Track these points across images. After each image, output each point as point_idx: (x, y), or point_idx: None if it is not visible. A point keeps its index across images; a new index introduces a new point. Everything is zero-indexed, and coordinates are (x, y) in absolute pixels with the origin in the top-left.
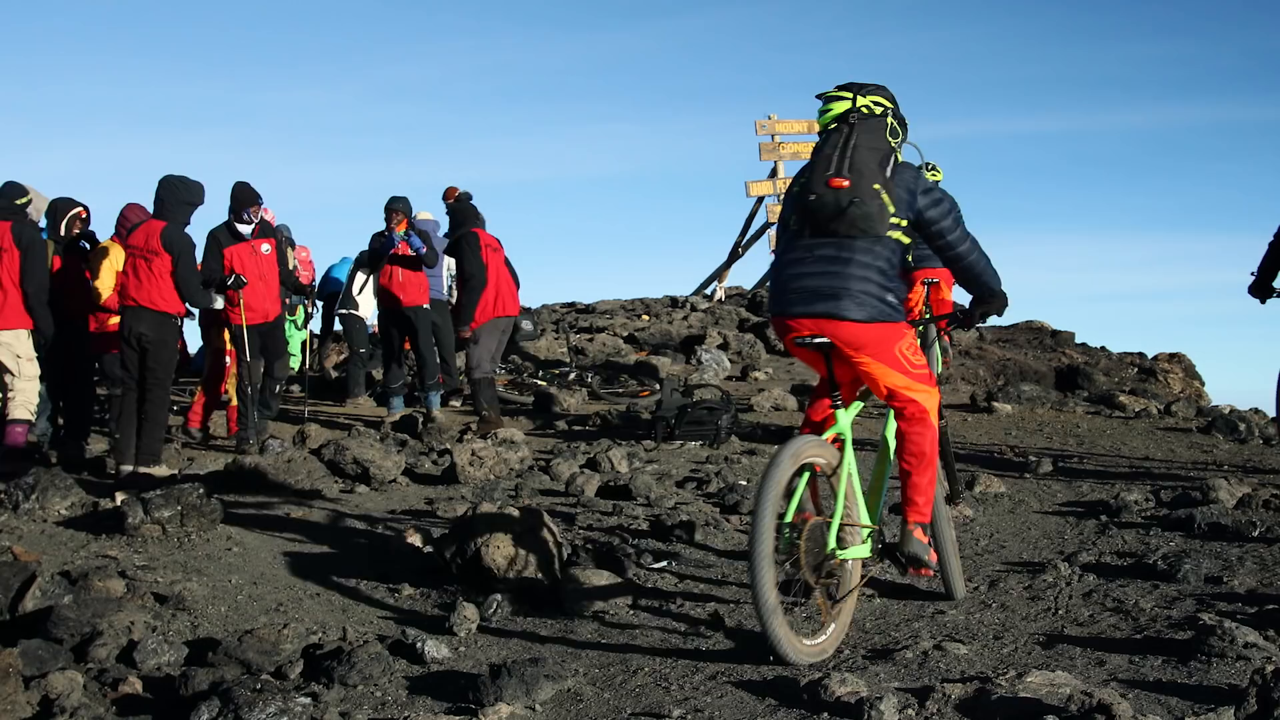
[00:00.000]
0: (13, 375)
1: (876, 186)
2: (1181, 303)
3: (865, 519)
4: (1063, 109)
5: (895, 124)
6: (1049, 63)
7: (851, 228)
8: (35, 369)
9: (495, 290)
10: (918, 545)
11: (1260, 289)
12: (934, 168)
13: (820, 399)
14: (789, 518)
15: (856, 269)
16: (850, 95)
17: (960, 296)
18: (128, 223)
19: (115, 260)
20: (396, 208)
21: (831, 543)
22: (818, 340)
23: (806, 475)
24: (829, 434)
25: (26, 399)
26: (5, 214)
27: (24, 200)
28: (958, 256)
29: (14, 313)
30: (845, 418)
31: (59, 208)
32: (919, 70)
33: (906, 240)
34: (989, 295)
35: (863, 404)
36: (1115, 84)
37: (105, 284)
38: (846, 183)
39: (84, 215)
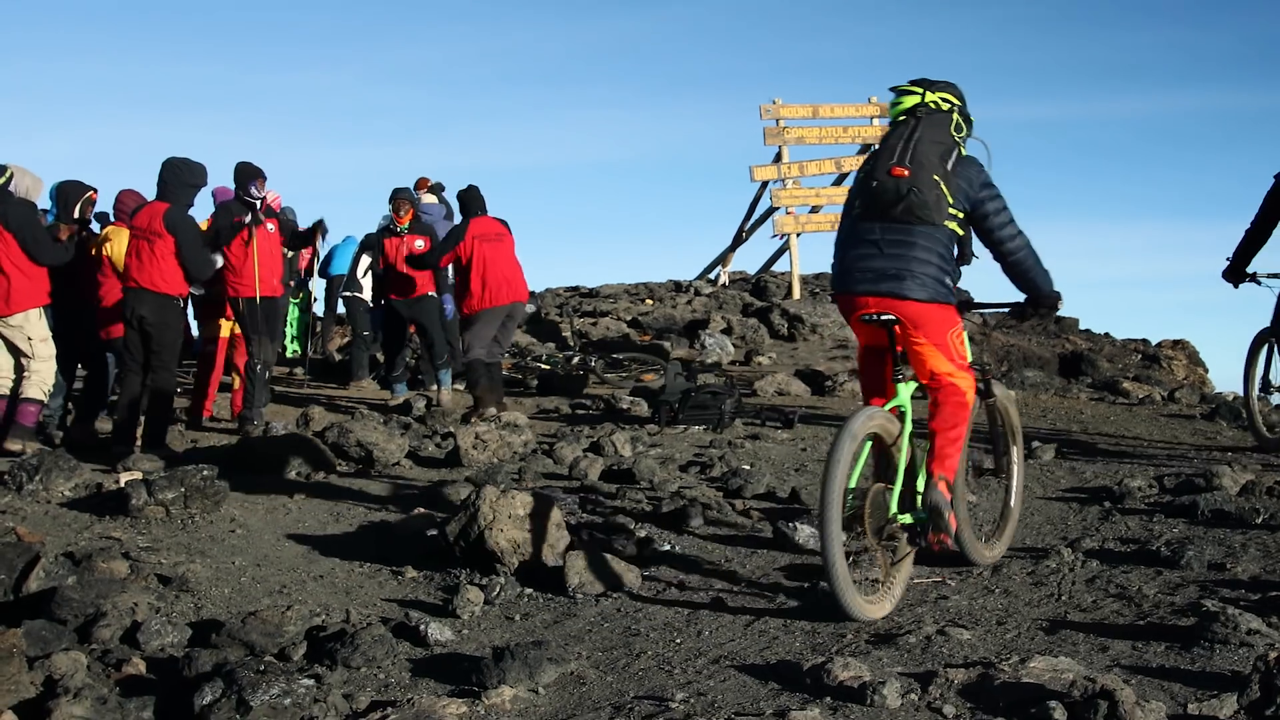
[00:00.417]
0: (28, 357)
1: (936, 178)
2: (1185, 290)
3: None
4: (1068, 96)
5: (960, 120)
6: (1052, 49)
7: (909, 214)
8: (50, 349)
9: (481, 280)
10: (939, 496)
11: (1234, 274)
12: None
13: (876, 374)
14: (853, 484)
15: (919, 252)
16: (920, 91)
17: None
18: (125, 207)
19: (122, 242)
20: (403, 198)
21: (893, 507)
22: (884, 317)
23: (869, 444)
24: (890, 406)
25: (42, 379)
26: None
27: (1, 180)
28: (1008, 251)
29: (19, 295)
30: (905, 391)
31: (70, 191)
32: (922, 56)
33: (961, 231)
34: (1040, 295)
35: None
36: (1119, 71)
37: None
38: (907, 172)
39: (94, 198)
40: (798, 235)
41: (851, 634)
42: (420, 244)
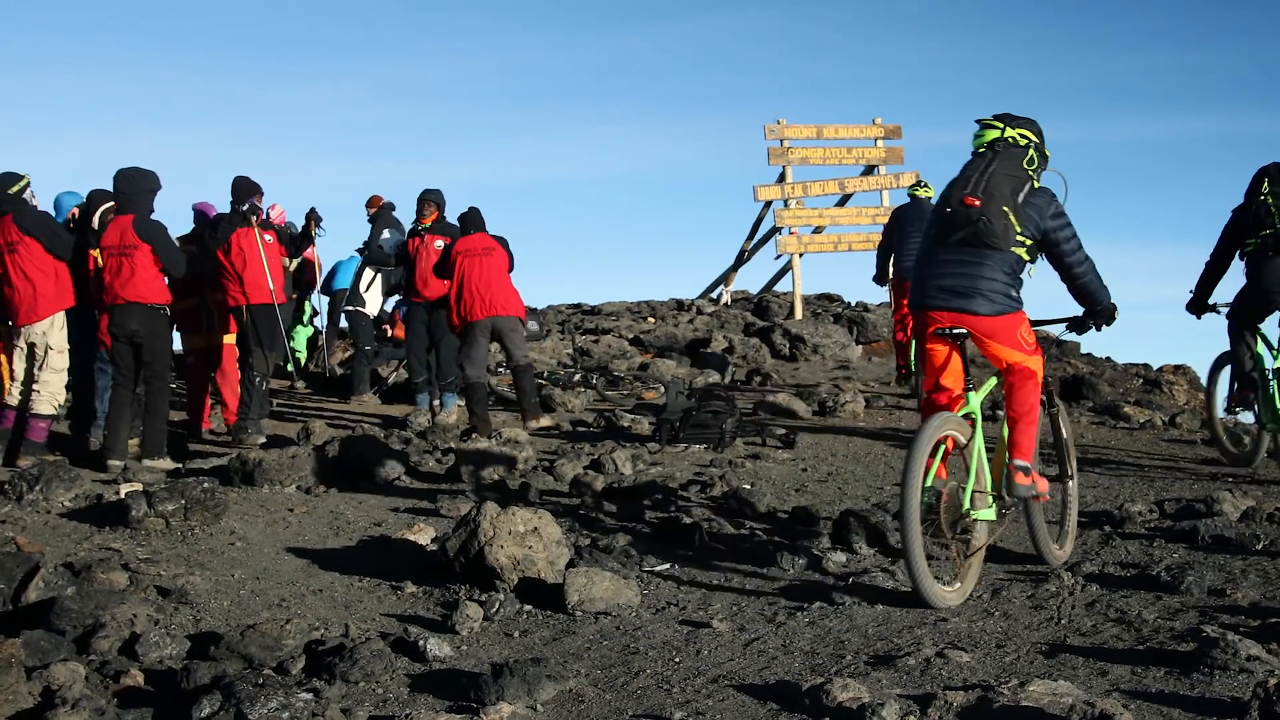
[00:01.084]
0: (40, 367)
1: (1005, 208)
2: (1186, 315)
3: (989, 488)
4: (1070, 118)
5: (1036, 155)
6: (1057, 71)
7: (978, 239)
8: (64, 361)
9: (458, 294)
10: (1022, 487)
11: (1197, 305)
12: (925, 185)
13: (942, 383)
14: (929, 483)
15: (986, 272)
16: (1001, 126)
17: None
18: None
19: None
20: (430, 199)
21: (966, 504)
22: (956, 331)
23: (942, 447)
24: (961, 412)
25: (53, 393)
26: (4, 207)
27: (18, 187)
28: (1076, 275)
29: (45, 302)
30: (975, 399)
31: (95, 199)
32: (927, 76)
33: (1028, 257)
34: (1099, 307)
35: (994, 382)
36: (1122, 94)
37: None
38: (978, 202)
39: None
40: (800, 255)
41: (850, 655)
42: (440, 244)
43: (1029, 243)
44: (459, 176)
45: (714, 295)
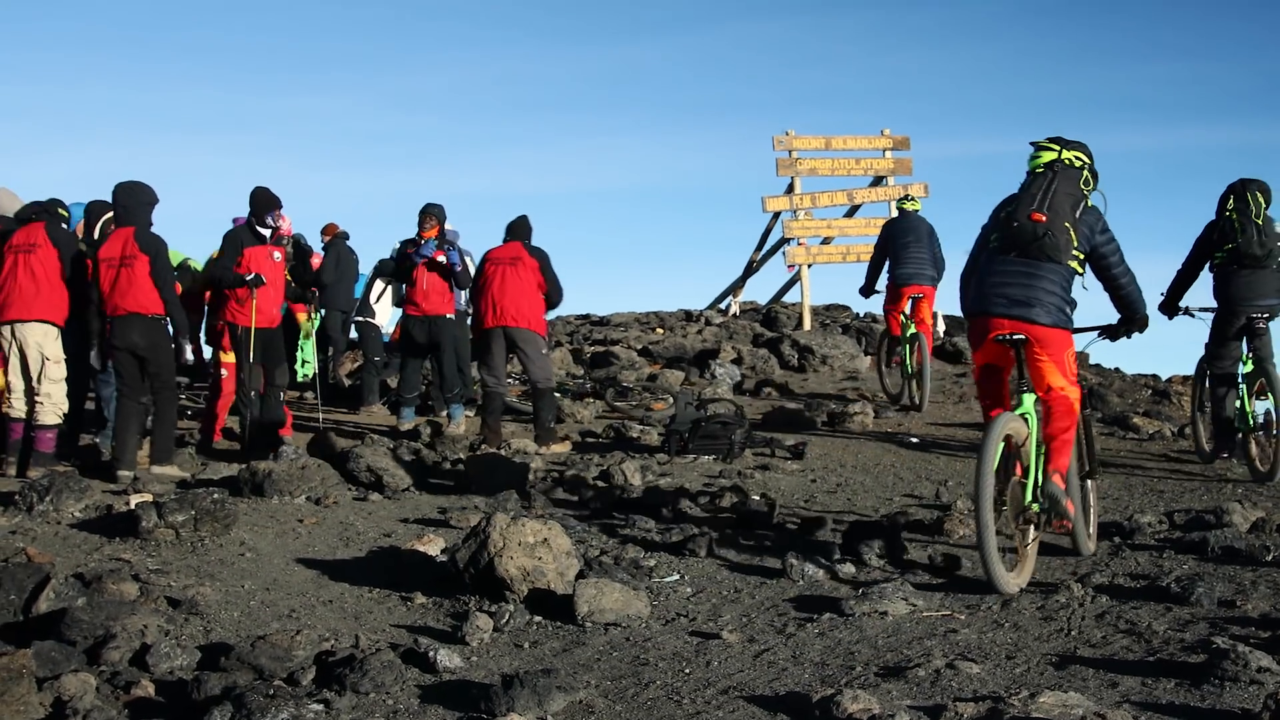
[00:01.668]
0: (38, 376)
1: (1066, 225)
2: (1196, 325)
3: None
4: (1077, 129)
5: (1089, 176)
6: (1063, 83)
7: (1041, 253)
8: (62, 370)
9: (480, 300)
10: (1055, 488)
11: (1169, 308)
12: (913, 199)
13: (995, 388)
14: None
15: (1045, 284)
16: (1057, 149)
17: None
18: None
19: None
20: (431, 213)
21: (1028, 497)
22: (1015, 337)
23: (1002, 445)
24: (1019, 413)
25: (56, 403)
26: (43, 217)
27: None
28: (1119, 286)
29: (45, 305)
30: (1029, 401)
31: (94, 210)
32: (935, 87)
33: (1081, 270)
34: (1135, 316)
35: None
36: (1129, 105)
37: None
38: (1044, 218)
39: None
40: (809, 266)
41: (860, 666)
42: (441, 258)
43: (1081, 256)
44: (464, 187)
45: (723, 306)
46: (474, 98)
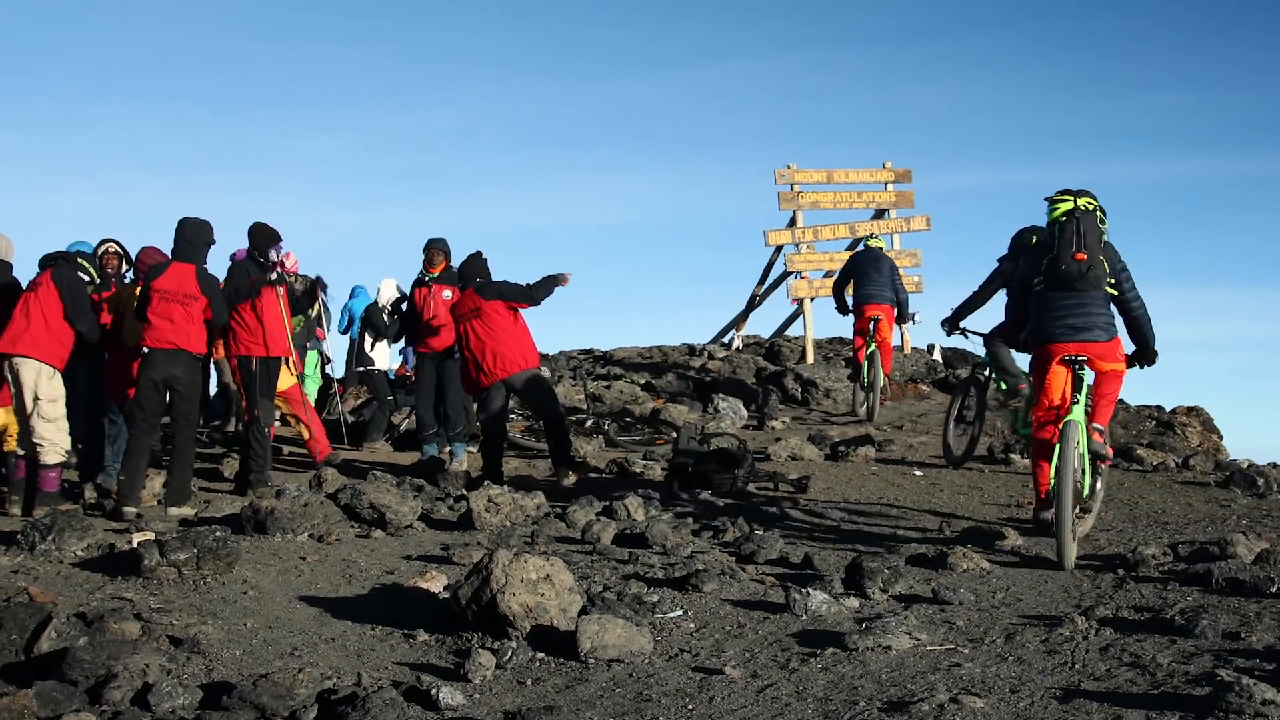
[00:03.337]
0: (31, 419)
1: (1101, 258)
2: (1200, 355)
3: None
4: (1081, 161)
5: (1101, 215)
6: (1068, 114)
7: (1088, 285)
8: (57, 411)
9: (465, 358)
10: (1098, 445)
11: (951, 324)
12: (878, 236)
13: (1053, 403)
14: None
15: (1095, 309)
16: (1071, 198)
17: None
18: (144, 266)
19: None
20: (437, 247)
21: (1086, 488)
22: (1079, 358)
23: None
24: (1070, 418)
25: (55, 442)
26: (51, 261)
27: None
28: (1132, 310)
29: (31, 343)
30: (1079, 408)
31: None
32: (937, 120)
33: (1116, 294)
34: (1147, 348)
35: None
36: (1134, 135)
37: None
38: (1085, 257)
39: (114, 250)
40: (812, 300)
41: (864, 701)
42: (448, 294)
43: (1112, 281)
44: (468, 223)
45: (726, 340)
46: (473, 134)
